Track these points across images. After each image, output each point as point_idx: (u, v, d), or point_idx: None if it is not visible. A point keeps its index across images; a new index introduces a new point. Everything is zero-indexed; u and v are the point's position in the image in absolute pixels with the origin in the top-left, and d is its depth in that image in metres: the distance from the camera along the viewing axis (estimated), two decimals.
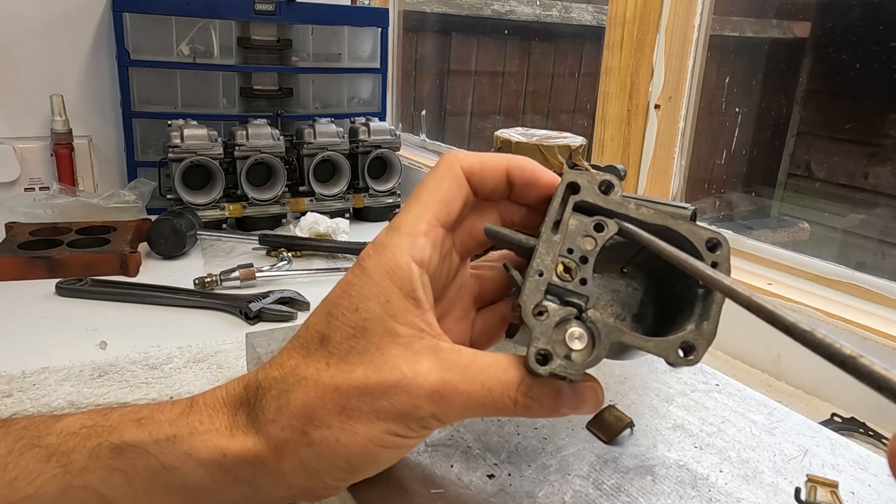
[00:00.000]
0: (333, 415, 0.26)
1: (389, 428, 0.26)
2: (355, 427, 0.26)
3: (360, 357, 0.26)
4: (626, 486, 0.35)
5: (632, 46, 0.95)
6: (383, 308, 0.27)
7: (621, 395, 0.45)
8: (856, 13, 1.03)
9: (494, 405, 0.26)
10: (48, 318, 0.82)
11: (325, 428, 0.26)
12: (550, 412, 0.27)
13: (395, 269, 0.27)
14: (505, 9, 1.72)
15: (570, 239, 0.29)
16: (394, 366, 0.26)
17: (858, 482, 0.37)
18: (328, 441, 0.26)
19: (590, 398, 0.28)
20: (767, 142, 1.17)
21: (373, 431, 0.26)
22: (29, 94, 1.28)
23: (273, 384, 0.28)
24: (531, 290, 0.28)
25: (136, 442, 0.26)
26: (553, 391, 0.27)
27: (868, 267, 0.77)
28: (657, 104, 0.95)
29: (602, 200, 0.30)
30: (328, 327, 0.27)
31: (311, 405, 0.26)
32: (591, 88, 1.14)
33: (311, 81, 1.41)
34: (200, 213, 1.13)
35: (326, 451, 0.26)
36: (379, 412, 0.26)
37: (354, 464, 0.27)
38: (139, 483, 0.26)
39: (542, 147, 0.54)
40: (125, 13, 1.20)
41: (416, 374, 0.26)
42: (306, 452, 0.26)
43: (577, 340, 0.28)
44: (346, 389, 0.26)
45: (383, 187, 1.33)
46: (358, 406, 0.26)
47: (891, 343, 0.66)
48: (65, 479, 0.25)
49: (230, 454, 0.27)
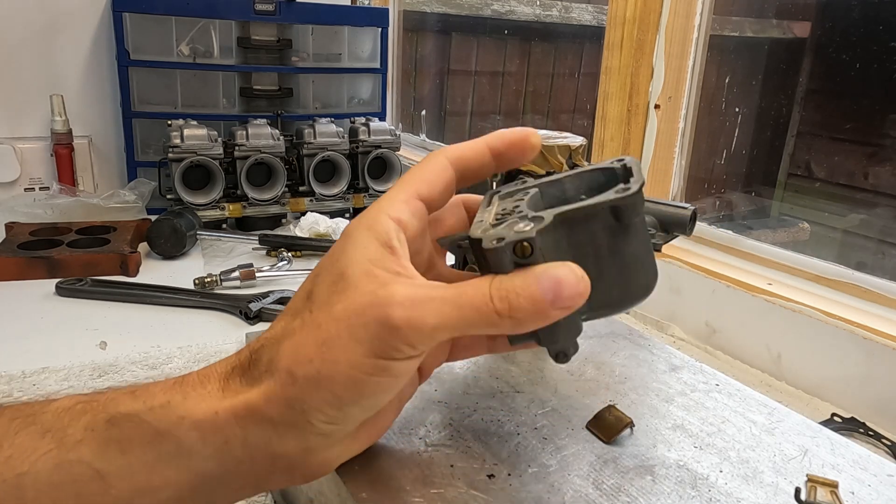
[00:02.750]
0: (314, 349, 0.27)
1: (367, 349, 0.26)
2: (335, 355, 0.26)
3: (340, 296, 0.27)
4: (626, 486, 0.35)
5: (632, 46, 0.95)
6: (361, 254, 0.28)
7: (621, 395, 0.45)
8: (856, 13, 1.03)
9: (473, 308, 0.26)
10: (48, 319, 0.82)
11: (307, 363, 0.26)
12: (534, 304, 0.26)
13: (372, 224, 0.29)
14: (505, 9, 1.72)
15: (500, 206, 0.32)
16: (368, 291, 0.27)
17: (858, 482, 0.37)
18: (310, 376, 0.26)
19: (567, 276, 0.26)
20: (767, 142, 1.17)
21: (351, 356, 0.26)
22: (29, 94, 1.28)
23: (266, 343, 0.28)
24: (475, 226, 0.30)
25: (131, 411, 0.27)
26: (528, 279, 0.26)
27: (868, 267, 0.77)
28: (657, 104, 0.95)
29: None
30: (313, 284, 0.29)
31: (296, 348, 0.27)
32: (591, 88, 1.14)
33: (311, 81, 1.41)
34: (200, 213, 1.13)
35: (310, 386, 0.26)
36: (354, 334, 0.26)
37: (339, 395, 0.27)
38: (133, 453, 0.26)
39: (542, 147, 0.54)
40: (125, 13, 1.20)
41: (388, 291, 0.26)
42: (292, 391, 0.27)
43: (525, 223, 0.28)
44: (326, 322, 0.27)
45: (383, 187, 1.33)
46: (336, 335, 0.26)
47: (891, 343, 0.66)
48: (59, 454, 0.26)
49: (222, 411, 0.27)
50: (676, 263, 0.89)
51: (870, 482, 0.37)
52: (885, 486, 0.36)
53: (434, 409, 0.42)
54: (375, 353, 0.26)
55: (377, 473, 0.35)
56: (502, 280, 0.26)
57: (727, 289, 0.82)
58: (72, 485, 0.26)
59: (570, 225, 0.29)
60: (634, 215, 0.30)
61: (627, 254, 0.31)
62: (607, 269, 0.31)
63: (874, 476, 0.37)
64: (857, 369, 0.68)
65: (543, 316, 0.26)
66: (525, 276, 0.26)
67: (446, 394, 0.44)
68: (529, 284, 0.26)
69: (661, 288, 0.92)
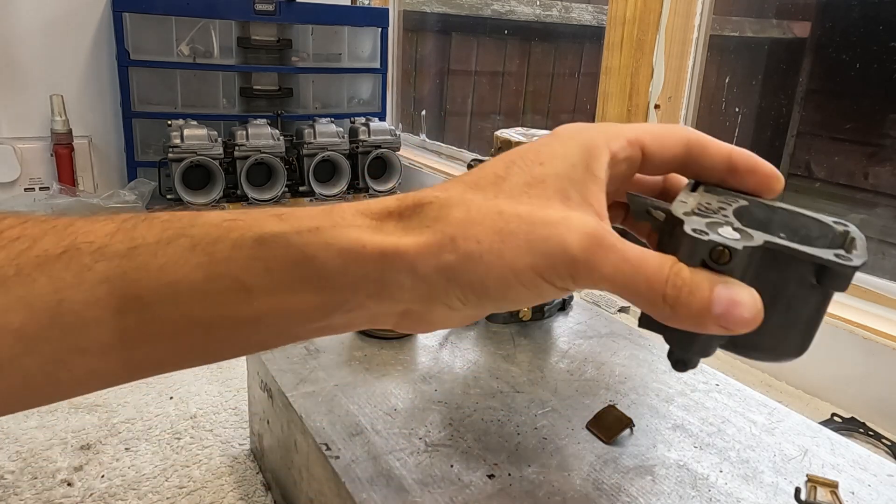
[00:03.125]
0: (488, 232, 0.27)
1: (536, 263, 0.26)
2: (503, 250, 0.26)
3: (531, 198, 0.27)
4: (626, 486, 0.35)
5: (632, 46, 0.95)
6: (566, 170, 0.28)
7: (621, 395, 0.45)
8: (856, 13, 1.03)
9: (645, 278, 0.26)
10: None
11: (475, 242, 0.26)
12: (700, 308, 0.25)
13: (589, 144, 0.29)
14: (505, 9, 1.72)
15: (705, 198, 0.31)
16: (562, 210, 0.27)
17: (858, 482, 0.37)
18: (473, 255, 0.26)
19: (746, 301, 0.25)
20: (767, 142, 1.17)
21: (517, 261, 0.26)
22: (29, 94, 1.28)
23: (435, 200, 0.28)
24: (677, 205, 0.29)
25: (279, 232, 0.27)
26: (708, 281, 0.26)
27: (868, 267, 0.77)
28: (657, 104, 0.95)
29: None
30: (506, 171, 0.28)
31: (470, 219, 0.27)
32: (591, 88, 1.14)
33: (311, 81, 1.41)
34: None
35: (467, 264, 0.27)
36: (532, 243, 0.26)
37: (487, 286, 0.27)
38: (277, 272, 0.27)
39: None
40: (125, 13, 1.20)
41: (580, 219, 0.26)
42: (447, 259, 0.27)
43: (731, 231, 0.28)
44: (508, 214, 0.27)
45: (383, 187, 1.33)
46: (515, 231, 0.26)
47: (891, 343, 0.66)
48: (209, 267, 0.27)
49: (370, 245, 0.27)
50: None
51: (870, 482, 0.37)
52: (885, 486, 0.36)
53: (434, 409, 0.42)
54: (540, 270, 0.26)
55: (377, 473, 0.35)
56: (683, 269, 0.26)
57: None
58: (219, 295, 0.27)
59: (771, 257, 0.29)
60: (838, 286, 0.29)
61: (803, 314, 0.31)
62: (776, 317, 0.30)
63: (874, 476, 0.37)
64: (857, 369, 0.68)
65: (700, 324, 0.26)
66: (709, 278, 0.26)
67: (446, 394, 0.44)
68: (707, 288, 0.25)
69: None
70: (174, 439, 0.57)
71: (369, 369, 0.47)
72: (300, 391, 0.44)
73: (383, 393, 0.44)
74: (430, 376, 0.47)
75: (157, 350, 0.27)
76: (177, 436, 0.58)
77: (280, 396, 0.45)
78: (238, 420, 0.60)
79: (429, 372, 0.47)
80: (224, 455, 0.55)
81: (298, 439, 0.42)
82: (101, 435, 0.58)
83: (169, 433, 0.58)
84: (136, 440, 0.57)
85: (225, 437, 0.58)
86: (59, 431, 0.58)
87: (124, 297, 0.26)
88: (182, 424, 0.60)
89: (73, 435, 0.57)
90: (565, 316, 0.60)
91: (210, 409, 0.62)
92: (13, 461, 0.53)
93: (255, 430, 0.54)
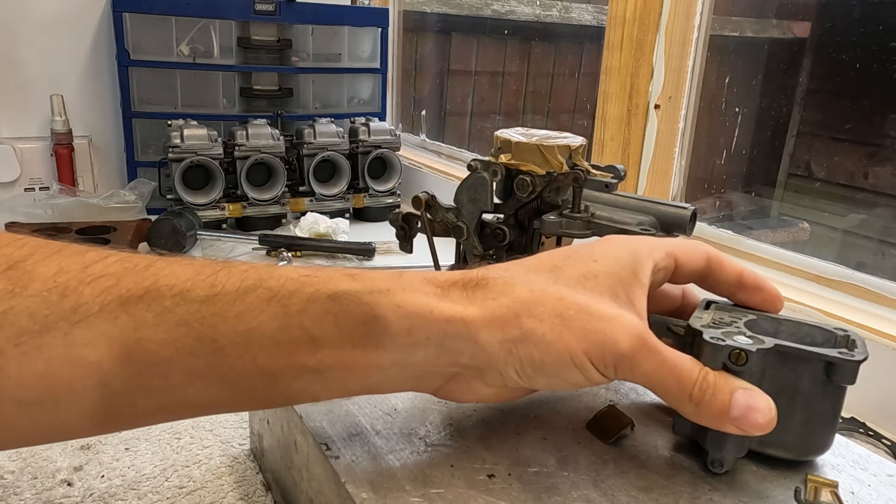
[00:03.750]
0: (550, 314, 0.29)
1: (589, 349, 0.29)
2: (563, 333, 0.29)
3: (584, 291, 0.30)
4: (626, 486, 0.35)
5: (632, 46, 0.95)
6: (617, 270, 0.31)
7: (621, 395, 0.45)
8: (856, 13, 1.03)
9: (677, 379, 0.29)
10: None
11: (538, 321, 0.29)
12: (720, 410, 0.28)
13: (636, 252, 0.32)
14: (505, 9, 1.72)
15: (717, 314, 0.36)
16: (611, 307, 0.30)
17: (858, 482, 0.37)
18: (536, 332, 0.29)
19: (761, 407, 0.29)
20: (767, 142, 1.17)
21: (574, 344, 0.29)
22: (29, 94, 1.28)
23: (500, 277, 0.31)
24: (694, 320, 0.34)
25: (352, 291, 0.29)
26: (729, 385, 0.29)
27: (868, 267, 0.77)
28: (657, 104, 0.95)
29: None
30: (563, 262, 0.31)
31: (534, 300, 0.29)
32: (591, 88, 1.14)
33: (311, 81, 1.41)
34: (200, 213, 1.13)
35: (528, 340, 0.29)
36: (588, 332, 0.29)
37: (544, 362, 0.29)
38: (346, 326, 0.29)
39: (542, 147, 0.54)
40: (125, 13, 1.20)
41: (630, 319, 0.29)
42: (512, 332, 0.29)
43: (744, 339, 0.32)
44: (568, 301, 0.29)
45: (383, 187, 1.33)
46: (574, 318, 0.29)
47: (891, 343, 0.66)
48: (284, 318, 0.28)
49: (437, 311, 0.29)
50: None
51: (870, 482, 0.37)
52: (885, 486, 0.36)
53: (434, 409, 0.42)
54: (591, 356, 0.29)
55: (377, 473, 0.35)
56: (710, 374, 0.29)
57: None
58: (289, 345, 0.28)
59: (783, 359, 0.32)
60: (846, 381, 0.33)
61: (820, 411, 0.34)
62: (795, 416, 0.34)
63: (874, 476, 0.37)
64: None
65: (719, 423, 0.29)
66: (728, 381, 0.29)
67: None
68: (728, 392, 0.29)
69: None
70: (174, 439, 0.57)
71: None
72: None
73: None
74: None
75: (221, 392, 0.28)
76: (177, 436, 0.58)
77: None
78: (238, 420, 0.60)
79: None
80: (224, 455, 0.56)
81: (298, 439, 0.42)
82: (100, 435, 0.58)
83: (169, 433, 0.58)
84: (136, 440, 0.57)
85: (225, 437, 0.58)
86: None
87: (200, 339, 0.27)
88: (182, 424, 0.60)
89: None
90: None
91: None
92: (13, 461, 0.53)
93: (255, 430, 0.54)
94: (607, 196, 0.54)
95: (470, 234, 0.55)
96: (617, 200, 0.53)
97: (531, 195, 0.54)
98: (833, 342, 0.35)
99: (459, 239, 0.56)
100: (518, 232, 0.56)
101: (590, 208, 0.53)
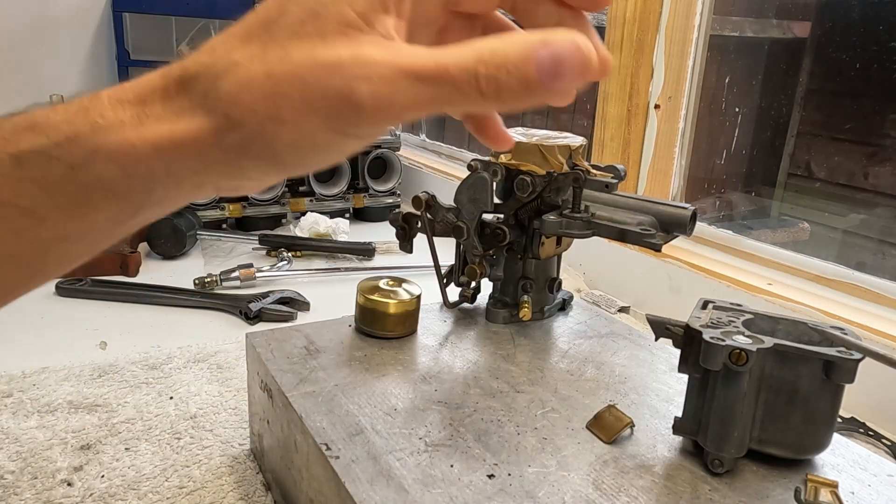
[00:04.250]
0: (261, 99, 0.24)
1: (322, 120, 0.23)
2: (283, 114, 0.23)
3: (300, 42, 0.24)
4: (626, 486, 0.35)
5: (632, 46, 0.95)
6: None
7: (621, 395, 0.45)
8: (856, 13, 1.03)
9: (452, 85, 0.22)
10: (48, 318, 0.82)
11: (250, 113, 0.24)
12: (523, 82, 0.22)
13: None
14: None
15: (715, 314, 0.37)
16: (333, 50, 0.23)
17: (858, 482, 0.37)
18: (253, 129, 0.24)
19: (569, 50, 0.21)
20: (767, 142, 1.17)
21: (302, 124, 0.24)
22: (29, 95, 1.28)
23: (202, 70, 0.25)
24: (693, 320, 0.35)
25: (35, 148, 0.25)
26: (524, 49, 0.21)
27: (868, 267, 0.77)
28: (657, 104, 0.95)
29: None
30: (279, 12, 0.25)
31: (240, 89, 0.24)
32: (591, 88, 1.14)
33: None
34: (200, 213, 1.13)
35: (250, 139, 0.24)
36: (309, 100, 0.23)
37: (279, 155, 0.25)
38: (53, 188, 0.25)
39: (542, 147, 0.54)
40: (125, 13, 1.20)
41: (354, 55, 0.23)
42: (231, 139, 0.24)
43: (743, 339, 0.33)
44: (277, 75, 0.24)
45: (383, 187, 1.33)
46: (288, 93, 0.23)
47: (891, 343, 0.66)
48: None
49: (141, 144, 0.25)
50: (676, 263, 0.89)
51: (870, 482, 0.37)
52: (885, 486, 0.36)
53: (434, 409, 0.42)
54: (332, 127, 0.24)
55: (377, 473, 0.35)
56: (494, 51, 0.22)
57: (727, 289, 0.82)
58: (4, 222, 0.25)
59: (782, 358, 0.33)
60: (845, 379, 0.33)
61: (818, 409, 0.34)
62: (794, 414, 0.34)
63: (874, 476, 0.37)
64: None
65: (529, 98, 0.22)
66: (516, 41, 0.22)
67: (446, 394, 0.44)
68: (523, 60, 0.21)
69: (661, 288, 0.92)
70: (174, 439, 0.57)
71: (369, 369, 0.48)
72: (300, 391, 0.44)
73: (383, 393, 0.44)
74: (430, 376, 0.47)
75: None
76: (177, 436, 0.58)
77: (280, 396, 0.45)
78: (238, 420, 0.60)
79: (429, 372, 0.47)
80: (224, 455, 0.55)
81: (298, 439, 0.42)
82: (101, 435, 0.58)
83: (169, 433, 0.58)
84: (136, 440, 0.57)
85: (225, 437, 0.58)
86: (59, 431, 0.58)
87: None
88: (182, 424, 0.60)
89: (73, 435, 0.57)
90: (565, 316, 0.60)
91: (210, 409, 0.62)
92: (13, 461, 0.53)
93: (255, 430, 0.54)
94: (607, 196, 0.54)
95: (470, 234, 0.55)
96: (617, 200, 0.53)
97: (531, 195, 0.55)
98: (829, 342, 0.36)
99: (459, 239, 0.56)
100: (518, 232, 0.56)
101: (590, 208, 0.53)
